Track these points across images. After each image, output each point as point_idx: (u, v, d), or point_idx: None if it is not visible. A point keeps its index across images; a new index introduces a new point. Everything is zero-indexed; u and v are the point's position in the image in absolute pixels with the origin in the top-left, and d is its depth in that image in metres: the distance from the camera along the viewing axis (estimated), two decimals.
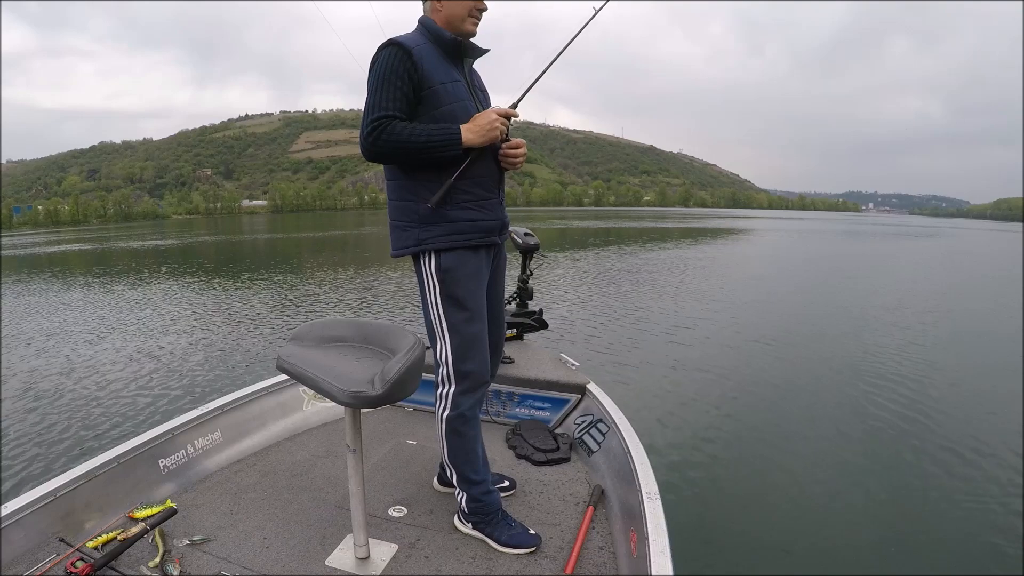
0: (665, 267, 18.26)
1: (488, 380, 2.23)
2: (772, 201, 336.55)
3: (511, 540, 2.13)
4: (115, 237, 41.33)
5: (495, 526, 2.16)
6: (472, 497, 2.17)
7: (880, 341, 8.78)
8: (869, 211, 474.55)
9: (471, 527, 2.20)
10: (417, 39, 2.02)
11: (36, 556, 1.95)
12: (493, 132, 1.99)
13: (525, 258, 4.04)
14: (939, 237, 45.41)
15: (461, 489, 2.20)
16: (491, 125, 1.98)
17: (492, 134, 1.99)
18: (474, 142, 1.97)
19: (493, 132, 1.99)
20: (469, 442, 2.17)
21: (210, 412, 2.80)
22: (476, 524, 2.19)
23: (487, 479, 2.22)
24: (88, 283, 15.81)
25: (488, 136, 1.98)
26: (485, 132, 1.97)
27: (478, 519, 2.19)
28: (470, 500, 2.18)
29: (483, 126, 1.97)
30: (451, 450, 2.18)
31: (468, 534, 2.20)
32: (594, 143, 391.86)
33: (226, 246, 30.76)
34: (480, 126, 1.97)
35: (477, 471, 2.18)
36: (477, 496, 2.17)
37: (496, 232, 2.16)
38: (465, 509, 2.20)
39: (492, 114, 2.01)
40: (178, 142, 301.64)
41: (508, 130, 2.09)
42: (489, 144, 2.02)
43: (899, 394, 6.36)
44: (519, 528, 2.18)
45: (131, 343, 8.69)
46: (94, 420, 5.62)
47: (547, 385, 3.29)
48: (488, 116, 2.00)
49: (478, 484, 2.18)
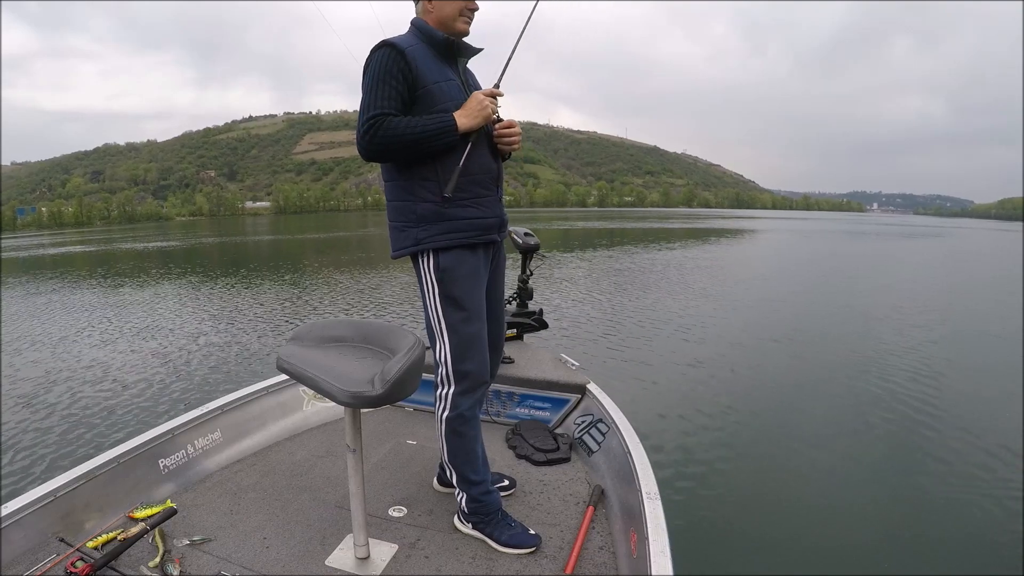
0: (666, 267, 18.25)
1: (487, 380, 2.22)
2: (776, 201, 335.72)
3: (511, 540, 2.13)
4: (117, 239, 41.38)
5: (495, 526, 2.16)
6: (472, 497, 2.17)
7: (880, 341, 8.78)
8: (873, 211, 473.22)
9: (471, 527, 2.20)
10: (410, 40, 2.04)
11: (36, 556, 1.96)
12: (485, 111, 1.99)
13: (525, 258, 4.04)
14: (944, 237, 45.27)
15: (461, 489, 2.20)
16: (481, 104, 1.99)
17: (485, 112, 1.99)
18: (469, 125, 1.97)
19: (485, 111, 1.99)
20: (469, 442, 2.16)
21: (210, 412, 2.80)
22: (476, 524, 2.19)
23: (487, 479, 2.22)
24: (89, 285, 15.84)
25: (481, 115, 1.99)
26: (478, 112, 1.98)
27: (478, 519, 2.19)
28: (470, 500, 2.18)
29: (474, 108, 1.98)
30: (451, 450, 2.17)
31: (468, 534, 2.20)
32: (598, 143, 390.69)
33: (228, 247, 30.80)
34: (471, 108, 1.98)
35: (477, 471, 2.18)
36: (477, 496, 2.17)
37: (495, 229, 2.15)
38: (465, 509, 2.20)
39: (479, 95, 2.01)
40: (182, 144, 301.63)
41: (498, 111, 2.09)
42: (484, 124, 2.01)
43: (901, 394, 6.35)
44: (519, 528, 2.18)
45: (131, 343, 8.72)
46: (94, 420, 5.63)
47: (547, 385, 3.29)
48: (476, 97, 2.00)
49: (478, 484, 2.17)
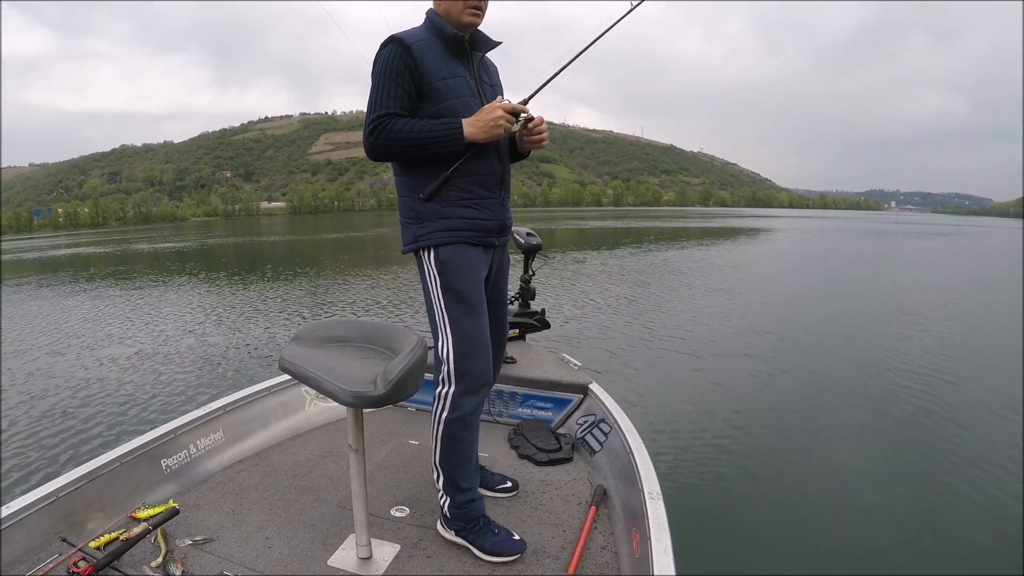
0: (673, 267, 18.17)
1: (490, 381, 2.18)
2: (793, 200, 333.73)
3: (494, 547, 2.07)
4: (131, 239, 41.91)
5: (478, 533, 2.10)
6: (457, 503, 2.12)
7: (891, 342, 8.66)
8: (891, 209, 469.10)
9: (454, 534, 2.15)
10: (420, 34, 1.99)
11: (38, 556, 1.97)
12: (496, 129, 1.92)
13: (527, 258, 4.04)
14: (961, 236, 44.66)
15: (446, 494, 2.14)
16: (495, 122, 1.91)
17: (495, 131, 1.92)
18: (476, 136, 1.91)
19: (496, 129, 1.92)
20: (465, 448, 2.11)
21: (212, 412, 2.81)
22: (459, 531, 2.14)
23: (475, 487, 2.18)
24: (95, 285, 16.09)
25: (491, 133, 1.91)
26: (488, 128, 1.90)
27: (461, 525, 2.13)
28: (453, 506, 2.12)
29: (486, 121, 1.90)
30: (444, 454, 2.11)
31: (451, 540, 2.16)
32: (613, 143, 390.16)
33: (241, 248, 31.12)
34: (484, 121, 1.91)
35: (468, 478, 2.13)
36: (462, 503, 2.12)
37: (494, 233, 2.11)
38: (448, 514, 2.14)
39: (497, 110, 1.92)
40: (198, 144, 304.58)
41: (519, 124, 2.00)
42: (491, 140, 1.95)
43: (903, 393, 6.30)
44: (503, 534, 2.11)
45: (133, 343, 8.80)
46: (96, 420, 5.69)
47: (549, 385, 3.28)
48: (493, 112, 1.92)
49: (466, 491, 2.13)
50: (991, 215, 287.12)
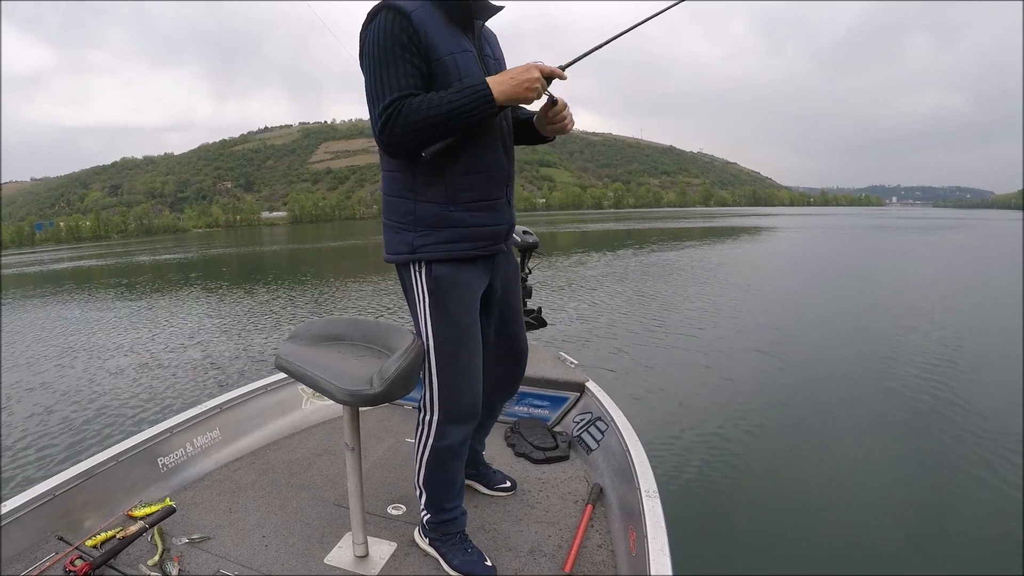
0: (670, 266, 18.13)
1: (478, 413, 1.95)
2: (794, 198, 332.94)
3: (463, 566, 1.95)
4: (133, 251, 42.01)
5: (451, 547, 2.00)
6: (438, 519, 2.03)
7: (889, 341, 8.56)
8: (892, 205, 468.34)
9: (428, 543, 2.08)
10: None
11: (35, 554, 1.97)
12: (531, 92, 1.62)
13: (524, 256, 4.05)
14: (963, 229, 44.47)
15: (428, 510, 2.04)
16: (531, 84, 1.61)
17: (528, 94, 1.62)
18: (509, 97, 1.61)
19: (531, 92, 1.62)
20: (451, 473, 2.00)
21: (209, 410, 2.82)
22: (433, 541, 2.05)
23: (459, 505, 2.06)
24: (93, 295, 16.17)
25: (525, 95, 1.62)
26: (523, 89, 1.61)
27: (436, 536, 2.04)
28: (433, 519, 2.04)
29: (521, 81, 1.60)
30: (429, 477, 1.98)
31: (423, 549, 2.09)
32: (613, 145, 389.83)
33: (243, 257, 31.16)
34: (518, 81, 1.60)
35: (452, 499, 2.03)
36: (443, 520, 2.03)
37: (502, 238, 1.91)
38: (426, 525, 2.07)
39: (534, 70, 1.61)
40: (198, 156, 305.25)
41: (546, 98, 1.72)
42: (523, 101, 1.65)
43: (905, 393, 6.24)
44: (475, 556, 1.98)
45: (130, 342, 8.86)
46: (92, 419, 5.72)
47: (546, 383, 3.27)
48: (530, 72, 1.61)
49: (449, 511, 2.02)
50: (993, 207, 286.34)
